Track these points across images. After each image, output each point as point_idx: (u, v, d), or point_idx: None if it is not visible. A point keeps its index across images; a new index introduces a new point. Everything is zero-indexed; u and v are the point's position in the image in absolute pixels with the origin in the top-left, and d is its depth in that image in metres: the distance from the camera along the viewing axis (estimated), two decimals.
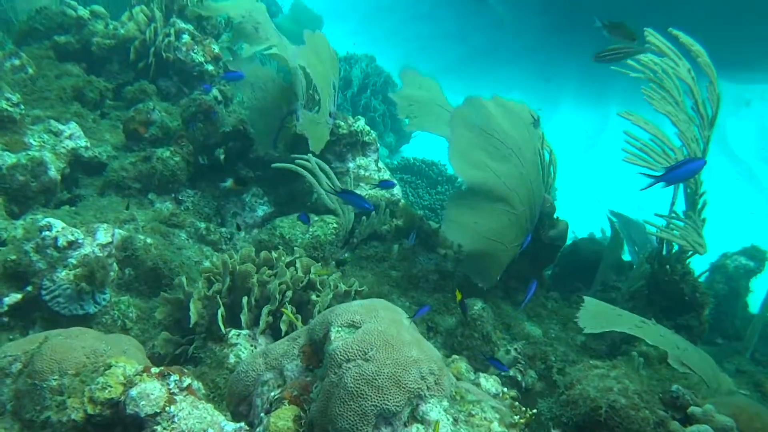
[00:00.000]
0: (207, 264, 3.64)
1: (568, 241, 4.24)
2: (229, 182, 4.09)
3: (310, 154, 3.81)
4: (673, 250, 3.52)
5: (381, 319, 2.03)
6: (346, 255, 3.87)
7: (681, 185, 3.57)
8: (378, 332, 1.95)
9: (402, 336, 1.96)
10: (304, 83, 4.10)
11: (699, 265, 3.90)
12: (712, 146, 3.49)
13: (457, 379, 2.16)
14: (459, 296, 2.95)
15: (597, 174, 11.81)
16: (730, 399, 2.09)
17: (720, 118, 3.55)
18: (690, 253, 3.51)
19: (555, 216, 3.79)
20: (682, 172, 2.77)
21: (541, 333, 3.52)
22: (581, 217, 9.80)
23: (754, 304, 5.42)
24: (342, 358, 1.91)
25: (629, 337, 3.42)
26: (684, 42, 3.43)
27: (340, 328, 2.04)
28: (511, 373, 3.00)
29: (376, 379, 1.81)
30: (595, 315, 2.79)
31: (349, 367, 1.88)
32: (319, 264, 3.08)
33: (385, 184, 3.86)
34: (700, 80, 3.44)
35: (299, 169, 3.75)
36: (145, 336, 3.12)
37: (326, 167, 3.88)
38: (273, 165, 3.88)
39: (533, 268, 3.82)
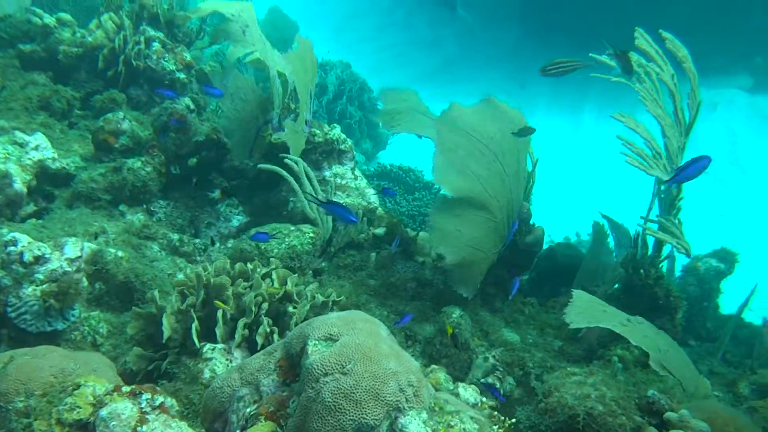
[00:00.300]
0: (180, 276, 3.57)
1: (544, 246, 4.24)
2: (216, 192, 4.03)
3: (299, 157, 3.74)
4: (647, 254, 3.54)
5: (359, 332, 1.99)
6: (323, 264, 3.82)
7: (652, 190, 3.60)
8: (356, 345, 1.91)
9: (380, 348, 1.92)
10: (281, 92, 4.05)
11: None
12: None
13: (436, 389, 2.13)
14: (450, 330, 2.92)
15: (572, 178, 11.91)
16: (705, 403, 2.09)
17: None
18: (663, 257, 3.53)
19: (531, 222, 3.78)
20: (693, 171, 2.81)
21: (519, 339, 3.50)
22: (556, 220, 9.87)
23: (724, 305, 5.48)
24: (319, 372, 1.86)
25: (606, 341, 3.43)
26: (670, 47, 3.44)
27: (317, 342, 1.99)
28: (490, 380, 2.97)
29: (354, 393, 1.77)
30: (583, 310, 2.79)
31: (326, 381, 1.83)
32: (296, 275, 3.03)
33: (387, 192, 3.83)
34: (681, 85, 3.46)
35: (283, 173, 3.68)
36: (117, 351, 3.04)
37: (311, 173, 3.83)
38: (260, 166, 3.82)
39: (510, 275, 3.81)
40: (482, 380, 2.95)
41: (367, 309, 3.50)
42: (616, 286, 3.70)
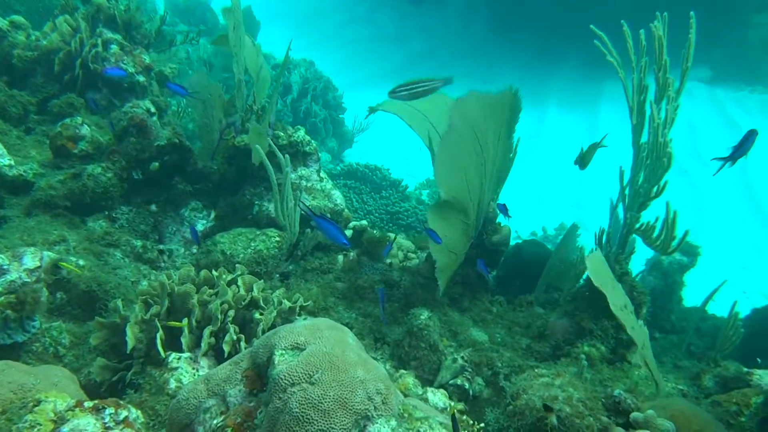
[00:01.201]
0: (144, 284, 3.52)
1: (511, 243, 4.27)
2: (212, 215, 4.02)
3: (287, 155, 3.68)
4: (612, 251, 3.59)
5: (326, 340, 1.98)
6: (290, 268, 3.79)
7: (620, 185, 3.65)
8: (323, 354, 1.91)
9: (347, 356, 1.92)
10: (245, 94, 4.01)
11: (635, 264, 4.00)
12: None
13: (405, 395, 2.14)
14: (453, 412, 2.86)
15: (536, 173, 12.03)
16: (669, 402, 2.13)
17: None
18: (627, 253, 3.58)
19: (497, 221, 3.81)
20: (746, 147, 2.85)
21: (487, 338, 3.53)
22: (521, 216, 9.97)
23: (688, 298, 5.61)
24: (286, 382, 1.85)
25: (572, 339, 3.47)
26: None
27: (284, 351, 1.98)
28: (459, 381, 2.98)
29: (321, 403, 1.77)
30: (598, 271, 2.82)
31: (294, 392, 1.82)
32: (262, 281, 3.00)
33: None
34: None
35: (269, 169, 3.60)
36: (81, 362, 2.98)
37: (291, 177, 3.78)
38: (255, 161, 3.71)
39: (477, 274, 3.84)
40: (452, 382, 2.97)
41: (335, 312, 3.49)
42: (581, 282, 3.74)
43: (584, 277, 3.60)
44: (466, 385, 2.97)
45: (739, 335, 3.99)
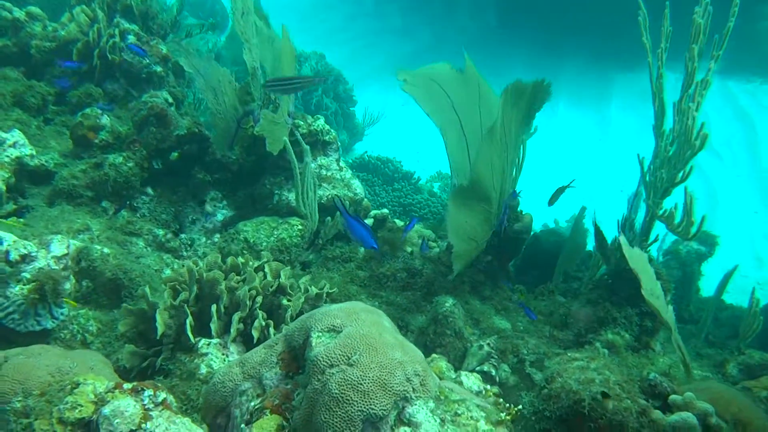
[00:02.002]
0: (168, 272, 3.54)
1: None
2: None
3: (307, 146, 3.68)
4: (635, 238, 3.58)
5: (362, 322, 1.99)
6: (311, 257, 3.80)
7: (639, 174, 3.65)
8: (360, 336, 1.91)
9: (385, 338, 1.92)
10: (261, 82, 4.01)
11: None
12: None
13: (440, 378, 2.14)
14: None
15: (545, 165, 12.03)
16: (707, 385, 2.13)
17: None
18: (651, 241, 3.58)
19: (519, 209, 3.81)
20: None
21: (509, 326, 3.53)
22: (533, 209, 9.95)
23: (705, 287, 5.60)
24: (325, 363, 1.86)
25: (595, 327, 3.47)
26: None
27: (320, 334, 1.99)
28: (485, 368, 2.99)
29: (361, 384, 1.77)
30: (637, 262, 2.83)
31: (333, 373, 1.83)
32: (288, 267, 3.01)
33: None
34: None
35: (292, 157, 3.59)
36: (108, 350, 3.00)
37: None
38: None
39: (499, 262, 3.84)
40: (477, 368, 2.97)
41: (357, 300, 3.49)
42: (602, 270, 3.74)
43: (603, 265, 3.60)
44: (493, 372, 2.97)
45: (760, 323, 3.98)
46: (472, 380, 2.22)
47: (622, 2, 13.53)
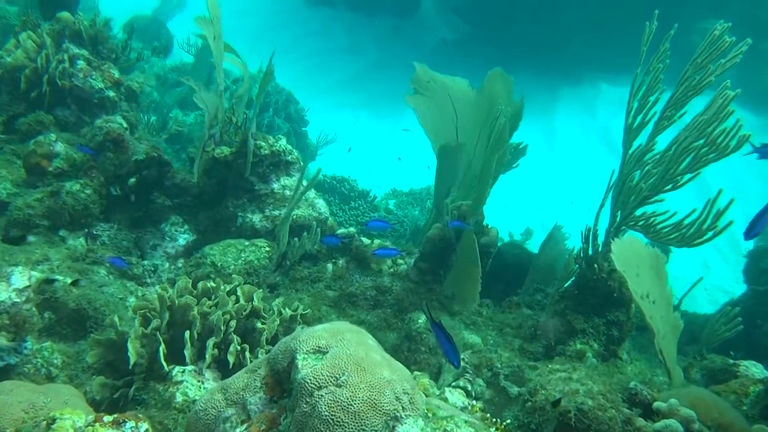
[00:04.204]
0: (132, 300, 3.47)
1: None
2: None
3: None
4: (599, 249, 3.68)
5: (348, 342, 2.00)
6: (278, 279, 3.78)
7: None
8: (348, 355, 1.92)
9: (372, 357, 1.94)
10: (224, 106, 4.00)
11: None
12: None
13: (426, 395, 2.16)
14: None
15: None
16: (687, 391, 2.20)
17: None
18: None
19: (485, 223, 3.88)
20: None
21: (480, 341, 3.58)
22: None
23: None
24: (313, 385, 1.86)
25: (563, 338, 3.55)
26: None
27: (306, 355, 1.98)
28: (462, 383, 3.02)
29: (351, 405, 1.78)
30: (626, 256, 2.87)
31: (321, 395, 1.83)
32: (260, 290, 2.99)
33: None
34: None
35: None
36: (75, 382, 2.92)
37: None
38: None
39: None
40: (454, 384, 3.00)
41: (327, 321, 3.49)
42: (568, 283, 3.82)
43: (574, 277, 3.68)
44: (469, 387, 3.01)
45: (731, 330, 4.13)
46: (456, 396, 2.25)
47: (569, 17, 14.01)
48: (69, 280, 3.23)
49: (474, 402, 2.23)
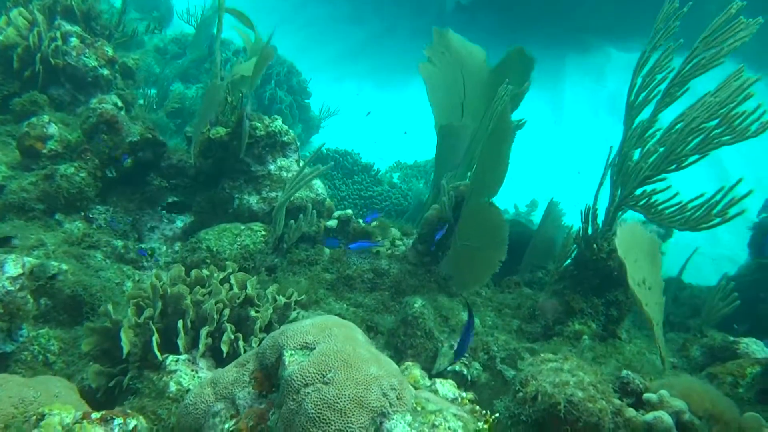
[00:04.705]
0: (129, 284, 3.46)
1: None
2: None
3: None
4: (599, 229, 3.63)
5: (335, 338, 1.97)
6: (276, 261, 3.75)
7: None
8: (334, 352, 1.90)
9: (359, 353, 1.91)
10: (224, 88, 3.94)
11: None
12: None
13: (415, 388, 2.14)
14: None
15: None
16: (678, 380, 2.17)
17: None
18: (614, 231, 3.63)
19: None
20: None
21: (478, 322, 3.56)
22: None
23: (666, 266, 5.74)
24: (299, 382, 1.84)
25: (562, 318, 3.53)
26: None
27: (293, 351, 1.96)
28: (457, 368, 3.01)
29: (337, 402, 1.76)
30: (628, 242, 2.83)
31: (308, 392, 1.81)
32: (254, 277, 2.96)
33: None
34: None
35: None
36: (72, 369, 2.92)
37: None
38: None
39: None
40: (449, 368, 2.99)
41: (325, 304, 3.48)
42: (567, 262, 3.79)
43: (573, 255, 3.65)
44: (464, 371, 3.00)
45: (728, 305, 4.10)
46: (447, 387, 2.23)
47: None
48: (65, 267, 3.21)
49: (464, 394, 2.21)
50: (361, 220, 3.97)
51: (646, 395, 1.99)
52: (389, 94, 14.47)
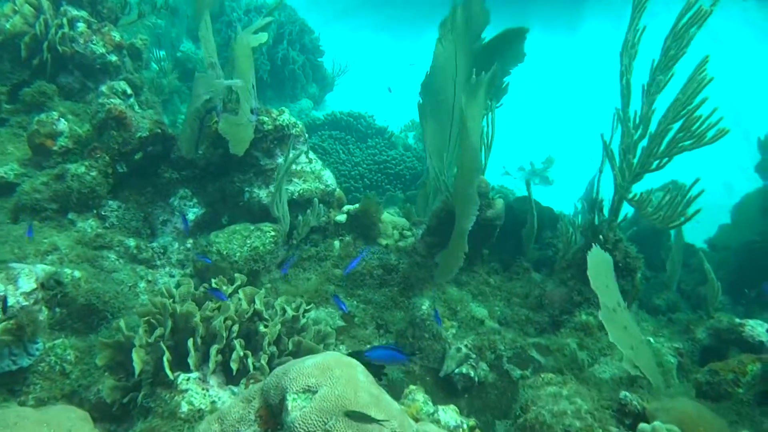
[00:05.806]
0: (142, 285, 3.52)
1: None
2: None
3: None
4: (605, 219, 3.59)
5: (337, 381, 2.00)
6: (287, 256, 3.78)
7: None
8: (336, 397, 1.92)
9: (360, 398, 1.94)
10: (222, 78, 3.88)
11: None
12: None
13: (416, 420, 2.18)
14: None
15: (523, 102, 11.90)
16: (674, 404, 2.18)
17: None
18: (621, 220, 3.59)
19: (491, 196, 3.78)
20: None
21: (486, 313, 3.58)
22: (509, 151, 9.93)
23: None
24: (302, 430, 1.88)
25: (569, 308, 3.54)
26: None
27: (296, 396, 1.99)
28: (464, 370, 3.05)
29: None
30: (597, 270, 2.80)
31: None
32: (262, 291, 2.99)
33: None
34: None
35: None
36: (89, 379, 3.00)
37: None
38: None
39: (473, 248, 3.84)
40: (457, 371, 3.03)
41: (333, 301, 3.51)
42: (573, 249, 3.76)
43: (578, 244, 3.64)
44: (471, 373, 3.04)
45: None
46: (449, 415, 2.26)
47: None
48: (78, 274, 3.26)
49: (465, 421, 2.24)
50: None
51: (640, 426, 2.01)
52: (404, 45, 14.18)
